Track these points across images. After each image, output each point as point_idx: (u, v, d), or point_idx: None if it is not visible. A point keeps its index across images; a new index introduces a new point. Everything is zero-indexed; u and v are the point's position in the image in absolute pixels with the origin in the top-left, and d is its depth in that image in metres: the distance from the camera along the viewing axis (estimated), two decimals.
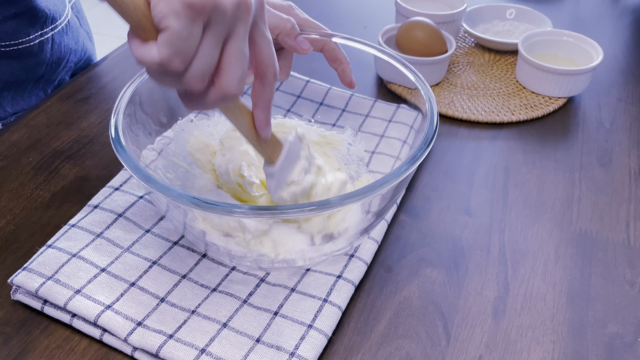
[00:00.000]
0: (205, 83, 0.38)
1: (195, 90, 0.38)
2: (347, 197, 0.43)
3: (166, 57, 0.35)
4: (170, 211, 0.48)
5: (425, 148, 0.47)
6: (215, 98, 0.39)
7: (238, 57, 0.38)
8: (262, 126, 0.45)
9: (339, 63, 0.59)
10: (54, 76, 0.79)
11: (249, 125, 0.45)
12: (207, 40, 0.37)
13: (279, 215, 0.43)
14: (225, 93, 0.39)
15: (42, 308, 0.49)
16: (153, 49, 0.35)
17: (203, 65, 0.37)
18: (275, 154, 0.48)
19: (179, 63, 0.36)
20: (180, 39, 0.35)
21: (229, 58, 0.38)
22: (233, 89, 0.39)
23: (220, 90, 0.39)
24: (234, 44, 0.38)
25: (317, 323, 0.47)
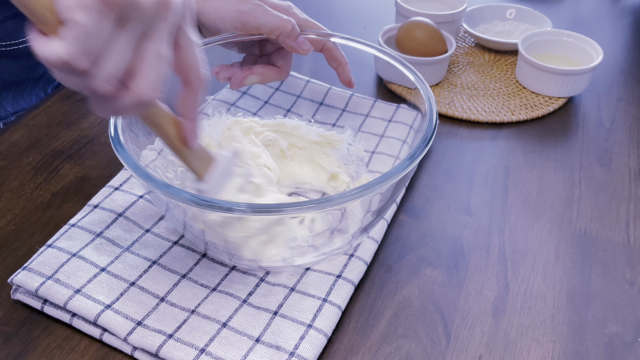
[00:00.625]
0: (114, 86, 0.34)
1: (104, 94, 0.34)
2: (348, 194, 0.43)
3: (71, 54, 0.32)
4: (170, 210, 0.47)
5: (425, 146, 0.47)
6: (128, 103, 0.35)
7: (155, 59, 0.35)
8: (189, 136, 0.42)
9: (338, 63, 0.59)
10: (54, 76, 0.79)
11: (174, 135, 0.42)
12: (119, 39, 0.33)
13: (277, 212, 0.43)
14: (139, 98, 0.35)
15: (42, 307, 0.49)
16: (56, 45, 0.32)
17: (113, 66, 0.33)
18: (205, 169, 0.45)
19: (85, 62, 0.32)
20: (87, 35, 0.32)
21: (144, 59, 0.35)
22: (148, 93, 0.35)
23: (134, 95, 0.35)
24: (151, 43, 0.35)
25: (317, 323, 0.47)
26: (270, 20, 0.55)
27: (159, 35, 0.35)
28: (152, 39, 0.35)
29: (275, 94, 0.70)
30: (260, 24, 0.55)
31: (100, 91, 0.34)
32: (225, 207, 0.41)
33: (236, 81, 0.59)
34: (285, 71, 0.61)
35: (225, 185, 0.47)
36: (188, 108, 0.41)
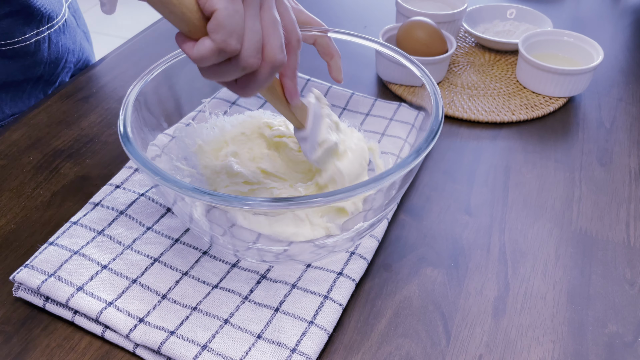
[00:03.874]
0: (260, 57, 0.39)
1: (254, 68, 0.39)
2: (357, 187, 0.43)
3: (221, 40, 0.36)
4: (177, 204, 0.48)
5: (432, 138, 0.47)
6: (266, 72, 0.40)
7: (275, 25, 0.39)
8: (292, 94, 0.46)
9: (331, 57, 0.59)
10: (54, 77, 0.79)
11: (280, 94, 0.46)
12: (248, 14, 0.38)
13: (295, 206, 0.43)
14: (273, 63, 0.39)
15: (43, 305, 0.49)
16: (207, 40, 0.37)
17: (255, 39, 0.38)
18: (303, 118, 0.50)
19: (235, 42, 0.37)
20: (229, 16, 0.36)
21: (267, 27, 0.39)
22: (279, 56, 0.39)
23: (268, 63, 0.39)
24: (268, 12, 0.39)
25: (318, 319, 0.47)
26: None
27: (270, 3, 0.39)
28: (267, 8, 0.39)
29: None
30: None
31: (250, 67, 0.38)
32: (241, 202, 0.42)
33: None
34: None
35: (320, 127, 0.52)
36: (289, 68, 0.44)
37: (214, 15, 0.36)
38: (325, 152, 0.52)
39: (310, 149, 0.51)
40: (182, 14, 0.37)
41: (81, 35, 0.84)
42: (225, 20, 0.36)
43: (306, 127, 0.50)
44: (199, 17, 0.37)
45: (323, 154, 0.52)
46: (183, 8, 0.37)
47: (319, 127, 0.52)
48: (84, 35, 0.85)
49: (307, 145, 0.51)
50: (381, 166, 0.60)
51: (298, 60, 0.44)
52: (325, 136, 0.52)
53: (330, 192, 0.42)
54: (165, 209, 0.56)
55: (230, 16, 0.36)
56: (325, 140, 0.52)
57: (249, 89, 0.41)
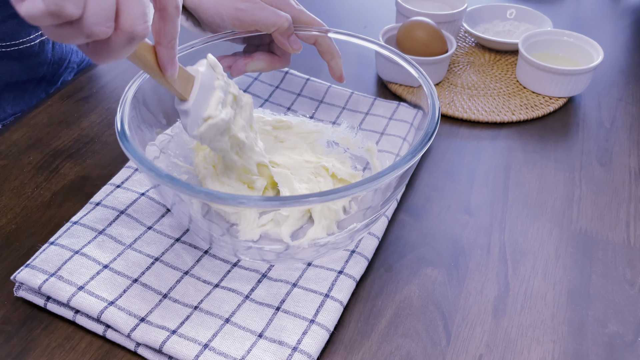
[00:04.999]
0: (109, 26, 0.34)
1: (102, 37, 0.34)
2: (351, 187, 0.43)
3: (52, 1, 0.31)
4: (177, 204, 0.48)
5: (429, 138, 0.47)
6: (122, 42, 0.35)
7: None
8: (167, 65, 0.42)
9: (332, 56, 0.59)
10: (56, 77, 0.79)
11: (152, 63, 0.42)
12: None
13: (290, 204, 0.43)
14: (131, 34, 0.35)
15: (45, 305, 0.49)
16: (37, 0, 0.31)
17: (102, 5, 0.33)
18: (187, 89, 0.45)
19: (72, 6, 0.32)
20: None
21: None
22: (139, 27, 0.35)
23: (125, 32, 0.35)
24: None
25: (319, 318, 0.47)
26: (267, 18, 0.55)
27: None
28: None
29: (275, 92, 0.70)
30: (257, 20, 0.56)
31: (97, 35, 0.34)
32: (237, 201, 0.42)
33: (237, 69, 0.59)
34: (285, 59, 0.61)
35: (209, 100, 0.47)
36: (165, 37, 0.40)
37: None
38: (210, 128, 0.47)
39: (191, 124, 0.46)
40: None
41: None
42: None
43: (188, 99, 0.45)
44: None
45: (206, 131, 0.47)
46: None
47: (206, 100, 0.46)
48: None
49: (187, 120, 0.46)
50: (378, 167, 0.60)
51: (176, 27, 0.40)
52: (212, 112, 0.46)
53: (325, 192, 0.42)
54: (165, 208, 0.56)
55: None
56: (211, 116, 0.47)
57: (102, 57, 0.36)
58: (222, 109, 0.47)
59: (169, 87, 0.44)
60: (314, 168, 0.59)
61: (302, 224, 0.54)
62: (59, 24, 0.33)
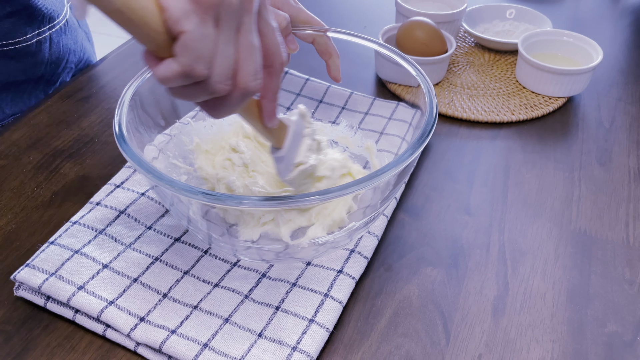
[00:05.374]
0: (230, 84, 0.37)
1: (223, 94, 0.37)
2: (351, 185, 0.43)
3: (187, 64, 0.34)
4: (175, 205, 0.48)
5: (427, 136, 0.47)
6: (237, 98, 0.38)
7: (251, 51, 0.37)
8: (269, 117, 0.45)
9: (329, 55, 0.59)
10: (54, 77, 0.79)
11: (256, 115, 0.44)
12: (221, 38, 0.35)
13: (288, 204, 0.43)
14: (246, 90, 0.38)
15: (45, 304, 0.49)
16: (172, 63, 0.34)
17: (225, 65, 0.36)
18: (281, 138, 0.48)
19: (202, 67, 0.35)
20: (197, 40, 0.34)
21: (242, 52, 0.37)
22: (252, 84, 0.38)
23: (240, 88, 0.37)
24: (245, 36, 0.37)
25: (319, 317, 0.47)
26: None
27: (249, 27, 0.37)
28: (244, 31, 0.37)
29: None
30: None
31: (219, 92, 0.37)
32: (236, 201, 0.42)
33: None
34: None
35: (298, 148, 0.50)
36: (270, 90, 0.43)
37: (181, 37, 0.34)
38: (301, 173, 0.50)
39: (284, 170, 0.49)
40: (146, 34, 0.34)
41: (82, 35, 0.84)
42: (192, 44, 0.34)
43: (283, 147, 0.48)
44: (165, 38, 0.35)
45: (297, 176, 0.50)
46: (147, 29, 0.34)
47: (297, 147, 0.50)
48: (85, 36, 0.85)
49: (282, 166, 0.49)
50: (377, 165, 0.60)
51: (279, 83, 0.43)
52: (302, 159, 0.50)
53: (324, 190, 0.42)
54: (165, 208, 0.56)
55: (198, 40, 0.34)
56: (302, 162, 0.50)
57: (219, 112, 0.39)
58: (311, 155, 0.50)
59: (267, 136, 0.47)
60: None
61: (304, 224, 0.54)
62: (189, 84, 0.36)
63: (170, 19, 0.34)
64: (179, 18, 0.34)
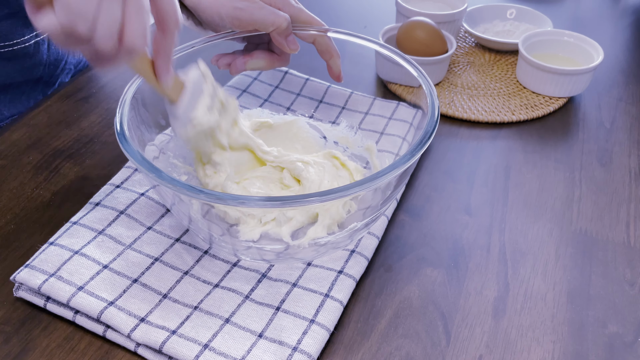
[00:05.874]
0: (114, 42, 0.37)
1: (107, 51, 0.37)
2: (352, 186, 0.43)
3: (67, 22, 0.34)
4: (176, 205, 0.48)
5: (428, 138, 0.47)
6: (123, 55, 0.39)
7: (138, 11, 0.38)
8: (163, 75, 0.45)
9: (330, 55, 0.59)
10: (53, 79, 0.79)
11: (150, 72, 0.45)
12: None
13: (289, 204, 0.43)
14: (132, 49, 0.38)
15: (45, 305, 0.49)
16: (51, 15, 0.34)
17: (109, 25, 0.36)
18: (177, 93, 0.48)
19: (83, 27, 0.35)
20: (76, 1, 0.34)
21: (130, 13, 0.37)
22: (139, 43, 0.38)
23: (127, 47, 0.38)
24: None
25: (319, 318, 0.47)
26: (266, 18, 0.55)
27: None
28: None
29: (275, 92, 0.70)
30: (256, 20, 0.56)
31: (103, 50, 0.37)
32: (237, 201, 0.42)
33: (236, 67, 0.59)
34: (284, 58, 0.61)
35: (197, 104, 0.50)
36: (163, 49, 0.44)
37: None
38: (197, 132, 0.50)
39: (180, 126, 0.49)
40: None
41: None
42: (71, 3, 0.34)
43: (178, 102, 0.48)
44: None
45: (194, 134, 0.50)
46: None
47: (194, 105, 0.50)
48: None
49: (177, 122, 0.49)
50: (378, 166, 0.60)
51: (174, 42, 0.43)
52: (199, 115, 0.50)
53: (325, 192, 0.42)
54: (165, 208, 0.56)
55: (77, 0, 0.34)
56: (196, 118, 0.50)
57: (103, 65, 0.40)
58: (209, 113, 0.50)
59: (161, 91, 0.47)
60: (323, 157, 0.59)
61: (306, 223, 0.54)
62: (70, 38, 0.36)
63: None
64: None
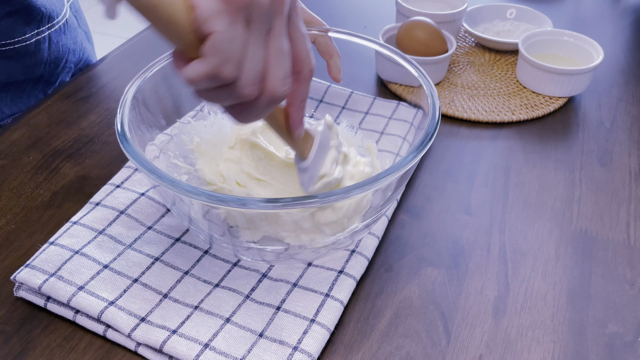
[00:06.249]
0: (258, 87, 0.36)
1: (251, 98, 0.36)
2: (352, 188, 0.43)
3: (215, 65, 0.33)
4: (177, 205, 0.48)
5: (429, 140, 0.47)
6: (265, 103, 0.37)
7: (281, 55, 0.36)
8: (296, 125, 0.43)
9: (330, 55, 0.59)
10: (54, 77, 0.79)
11: (282, 123, 0.43)
12: (251, 40, 0.34)
13: (290, 206, 0.43)
14: (274, 95, 0.36)
15: (45, 305, 0.49)
16: (200, 64, 0.33)
17: (254, 68, 0.35)
18: (307, 148, 0.47)
19: (231, 69, 0.34)
20: (227, 41, 0.33)
21: (272, 57, 0.36)
22: (281, 90, 0.37)
23: (269, 93, 0.36)
24: (275, 40, 0.36)
25: (320, 317, 0.47)
26: None
27: (279, 31, 0.36)
28: (274, 35, 0.36)
29: None
30: None
31: (246, 96, 0.35)
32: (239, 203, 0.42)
33: None
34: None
35: (324, 159, 0.49)
36: (297, 98, 0.42)
37: (210, 38, 0.33)
38: (324, 186, 0.49)
39: (308, 181, 0.48)
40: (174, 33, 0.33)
41: (82, 35, 0.84)
42: (221, 45, 0.33)
43: (308, 157, 0.47)
44: (194, 37, 0.34)
45: (321, 188, 0.49)
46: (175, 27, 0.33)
47: (322, 159, 0.48)
48: (85, 35, 0.85)
49: (305, 177, 0.48)
50: (378, 166, 0.60)
51: (308, 90, 0.42)
52: (327, 170, 0.48)
53: (326, 194, 0.42)
54: (165, 208, 0.56)
55: (227, 41, 0.33)
56: (326, 174, 0.49)
57: (245, 117, 0.38)
58: (336, 167, 0.49)
59: (293, 145, 0.46)
60: None
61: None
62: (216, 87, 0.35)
63: (200, 18, 0.33)
64: (208, 17, 0.33)
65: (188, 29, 0.33)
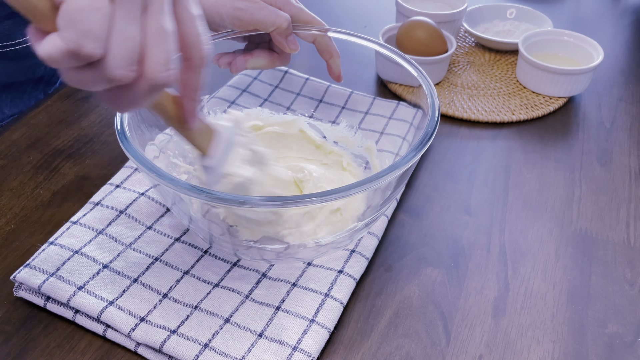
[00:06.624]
0: (132, 70, 0.31)
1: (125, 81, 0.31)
2: (352, 186, 0.43)
3: (74, 38, 0.29)
4: (177, 204, 0.48)
5: (429, 139, 0.47)
6: (144, 89, 0.32)
7: (161, 36, 0.32)
8: (189, 117, 0.40)
9: (330, 55, 0.59)
10: (54, 78, 0.79)
11: (174, 114, 0.40)
12: (119, 13, 0.30)
13: (290, 204, 0.43)
14: (154, 80, 0.32)
15: (45, 305, 0.49)
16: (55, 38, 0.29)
17: (126, 46, 0.30)
18: (207, 144, 0.43)
19: (92, 44, 0.29)
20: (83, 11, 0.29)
21: (151, 37, 0.32)
22: (161, 74, 0.32)
23: (147, 78, 0.32)
24: (154, 18, 0.32)
25: (319, 317, 0.47)
26: (266, 18, 0.55)
27: (159, 8, 0.32)
28: (152, 13, 0.32)
29: (275, 92, 0.70)
30: (256, 20, 0.56)
31: (119, 79, 0.31)
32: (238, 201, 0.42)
33: (237, 65, 0.59)
34: (285, 58, 0.61)
35: (229, 157, 0.45)
36: (189, 87, 0.38)
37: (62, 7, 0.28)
38: (234, 187, 0.45)
39: (213, 181, 0.44)
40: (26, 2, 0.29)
41: None
42: (76, 15, 0.28)
43: (210, 154, 0.43)
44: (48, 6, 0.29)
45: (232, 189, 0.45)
46: None
47: (227, 157, 0.45)
48: None
49: (210, 176, 0.44)
50: (377, 166, 0.60)
51: (200, 79, 0.37)
52: (232, 169, 0.45)
53: (326, 192, 0.42)
54: (165, 208, 0.56)
55: (84, 11, 0.28)
56: (232, 173, 0.45)
57: (121, 104, 0.33)
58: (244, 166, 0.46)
59: (188, 139, 0.42)
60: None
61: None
62: (79, 66, 0.30)
63: None
64: None
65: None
